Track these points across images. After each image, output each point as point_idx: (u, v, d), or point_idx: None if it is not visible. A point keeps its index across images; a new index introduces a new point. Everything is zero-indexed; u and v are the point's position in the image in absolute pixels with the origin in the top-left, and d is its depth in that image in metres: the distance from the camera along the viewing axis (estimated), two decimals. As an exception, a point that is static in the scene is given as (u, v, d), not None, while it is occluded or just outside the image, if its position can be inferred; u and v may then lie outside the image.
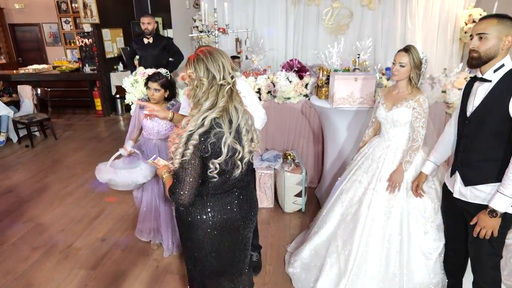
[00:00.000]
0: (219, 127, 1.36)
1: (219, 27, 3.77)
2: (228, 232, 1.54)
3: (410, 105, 2.08)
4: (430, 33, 4.68)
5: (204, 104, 1.37)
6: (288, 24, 4.90)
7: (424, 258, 2.09)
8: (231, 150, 1.39)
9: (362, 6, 4.71)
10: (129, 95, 3.37)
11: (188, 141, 1.33)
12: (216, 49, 1.45)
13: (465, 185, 1.74)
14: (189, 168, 1.35)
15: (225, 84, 1.37)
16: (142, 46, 4.33)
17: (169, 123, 2.63)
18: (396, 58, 2.08)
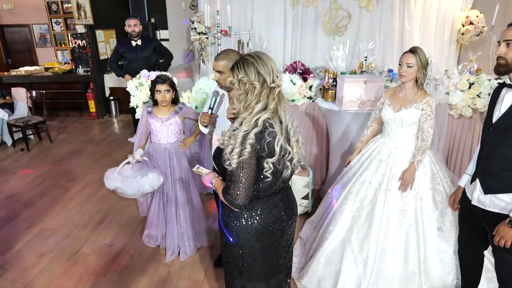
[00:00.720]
0: (272, 127, 1.39)
1: (221, 29, 3.77)
2: (276, 233, 1.56)
3: (419, 106, 2.13)
4: (428, 35, 4.76)
5: (256, 106, 1.39)
6: (287, 25, 4.91)
7: (440, 254, 2.15)
8: (283, 150, 1.41)
9: (360, 8, 4.76)
10: (134, 98, 3.34)
11: (245, 141, 1.35)
12: (262, 52, 1.47)
13: (485, 193, 1.74)
14: (246, 167, 1.36)
15: (275, 86, 1.40)
16: (130, 49, 4.29)
17: (178, 127, 2.63)
18: (402, 59, 2.13)
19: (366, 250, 2.20)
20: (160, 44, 4.46)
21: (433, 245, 2.16)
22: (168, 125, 2.58)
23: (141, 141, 2.64)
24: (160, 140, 2.62)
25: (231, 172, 1.39)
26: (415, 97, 2.17)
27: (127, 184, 2.40)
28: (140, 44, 4.26)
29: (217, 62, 2.05)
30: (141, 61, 4.23)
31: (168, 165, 2.60)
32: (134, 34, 4.24)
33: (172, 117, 2.59)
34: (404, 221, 2.16)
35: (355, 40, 4.88)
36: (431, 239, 2.15)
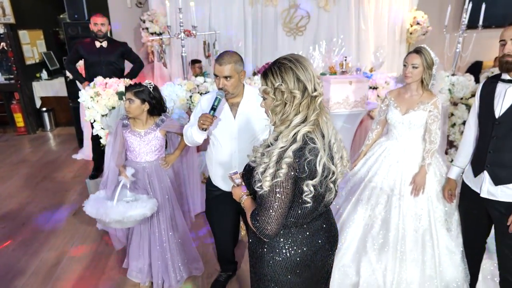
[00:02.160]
0: (313, 142, 1.17)
1: (184, 29, 3.41)
2: (318, 265, 1.35)
3: (427, 108, 2.09)
4: (381, 34, 4.95)
5: (295, 119, 1.19)
6: (246, 25, 4.72)
7: (451, 255, 2.14)
8: (326, 170, 1.20)
9: (319, 8, 4.76)
10: (90, 111, 2.83)
11: (281, 160, 1.13)
12: (300, 55, 1.24)
13: (496, 184, 1.77)
14: (280, 191, 1.15)
15: (317, 95, 1.20)
16: (93, 51, 3.67)
17: (158, 143, 2.26)
18: (407, 60, 2.07)
19: (384, 260, 2.10)
20: (130, 50, 3.87)
21: (445, 247, 2.14)
22: (147, 141, 2.19)
23: (119, 162, 2.22)
24: (137, 158, 2.22)
25: (261, 196, 1.17)
26: (421, 98, 2.12)
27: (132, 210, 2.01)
28: (105, 47, 3.67)
29: (222, 67, 1.78)
30: (104, 66, 3.65)
31: (147, 186, 2.22)
32: (100, 34, 3.62)
33: (152, 131, 2.21)
34: (420, 226, 2.11)
35: (315, 40, 4.89)
36: (442, 241, 2.13)
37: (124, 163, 2.22)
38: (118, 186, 2.07)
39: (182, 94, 3.19)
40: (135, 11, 5.18)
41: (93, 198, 2.09)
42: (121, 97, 2.83)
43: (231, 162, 1.94)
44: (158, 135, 2.23)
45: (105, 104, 2.82)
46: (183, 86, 3.23)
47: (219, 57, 1.80)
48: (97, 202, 2.03)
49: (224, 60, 1.78)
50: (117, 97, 2.83)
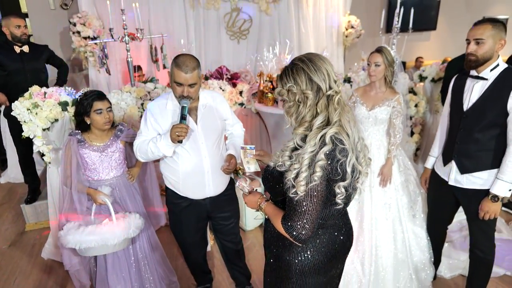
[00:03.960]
0: (342, 144, 1.15)
1: (129, 32, 3.18)
2: (339, 262, 1.35)
3: (391, 104, 2.23)
4: (320, 37, 5.19)
5: (316, 121, 1.16)
6: (189, 28, 4.58)
7: (417, 239, 2.31)
8: (355, 170, 1.19)
9: (260, 12, 4.82)
10: (28, 125, 2.45)
11: (313, 163, 1.11)
12: (315, 54, 1.22)
13: (462, 173, 1.94)
14: (315, 195, 1.12)
15: (333, 94, 1.17)
16: (13, 57, 3.14)
17: (122, 155, 2.06)
18: (370, 59, 2.19)
19: (361, 249, 2.20)
20: (53, 53, 3.43)
21: (412, 231, 2.31)
22: (110, 154, 1.97)
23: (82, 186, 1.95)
24: (101, 176, 1.98)
25: (296, 201, 1.14)
26: (385, 95, 2.25)
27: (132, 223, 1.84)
28: (27, 52, 3.17)
29: (188, 75, 1.66)
30: (29, 74, 3.16)
31: (120, 206, 1.99)
32: (24, 38, 3.12)
33: (113, 142, 2.00)
34: (390, 214, 2.24)
35: (258, 43, 4.94)
36: (409, 227, 2.30)
37: (87, 185, 1.96)
38: (109, 205, 1.83)
39: (133, 102, 2.96)
40: (60, 13, 4.67)
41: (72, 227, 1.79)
42: (65, 108, 2.52)
43: (203, 168, 1.85)
44: (120, 147, 2.03)
45: (46, 116, 2.47)
46: (132, 93, 3.00)
47: (181, 64, 1.66)
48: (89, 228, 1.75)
49: (188, 68, 1.66)
50: (60, 108, 2.51)
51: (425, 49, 6.71)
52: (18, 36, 3.10)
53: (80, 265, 1.99)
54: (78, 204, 1.86)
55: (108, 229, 1.73)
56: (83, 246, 1.68)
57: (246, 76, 3.61)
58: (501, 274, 2.43)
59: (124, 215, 1.90)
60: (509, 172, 1.78)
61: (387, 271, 2.19)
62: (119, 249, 1.80)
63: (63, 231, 1.78)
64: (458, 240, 2.68)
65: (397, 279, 2.20)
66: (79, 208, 1.86)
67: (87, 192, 1.92)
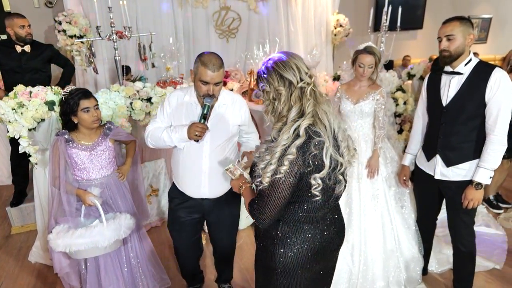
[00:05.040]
0: (318, 135, 1.17)
1: (117, 31, 3.13)
2: (327, 258, 1.37)
3: (375, 97, 2.29)
4: (309, 36, 5.21)
5: (290, 114, 1.20)
6: (177, 26, 4.54)
7: (405, 229, 2.35)
8: (333, 162, 1.21)
9: (249, 10, 4.81)
10: (13, 125, 2.38)
11: (283, 156, 1.14)
12: (284, 52, 1.27)
13: (447, 166, 1.98)
14: (281, 186, 1.17)
15: (305, 86, 1.21)
16: (13, 56, 3.08)
17: (111, 153, 2.03)
18: (362, 61, 2.21)
19: (350, 240, 2.23)
20: (57, 53, 3.34)
21: (400, 223, 2.35)
22: (99, 153, 1.94)
23: (71, 187, 1.90)
24: (90, 176, 1.94)
25: (261, 189, 1.21)
26: (369, 89, 2.31)
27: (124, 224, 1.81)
28: (28, 51, 3.08)
29: (215, 73, 1.64)
30: (28, 74, 3.07)
31: (111, 206, 1.96)
32: (29, 38, 3.07)
33: (102, 141, 1.97)
34: (378, 205, 2.28)
35: (247, 42, 4.93)
36: (398, 217, 2.34)
37: (76, 186, 1.92)
38: (98, 206, 1.79)
39: (121, 102, 2.91)
40: (44, 11, 4.58)
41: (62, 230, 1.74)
42: (52, 107, 2.47)
43: (201, 166, 1.83)
44: (109, 145, 2.00)
45: (32, 116, 2.41)
46: (120, 92, 2.96)
47: (208, 62, 1.63)
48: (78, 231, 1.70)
49: (216, 66, 1.63)
50: (46, 107, 2.45)
51: (412, 48, 6.80)
52: (23, 36, 3.06)
53: (70, 268, 1.95)
54: (67, 205, 1.82)
55: (98, 231, 1.69)
56: (73, 249, 1.65)
57: (236, 75, 3.60)
58: (490, 267, 2.47)
59: (114, 215, 1.87)
60: (490, 159, 1.84)
61: (376, 262, 2.24)
62: (110, 250, 1.77)
63: (52, 234, 1.74)
64: (446, 235, 2.71)
65: (387, 270, 2.25)
66: (68, 209, 1.82)
67: (76, 193, 1.88)
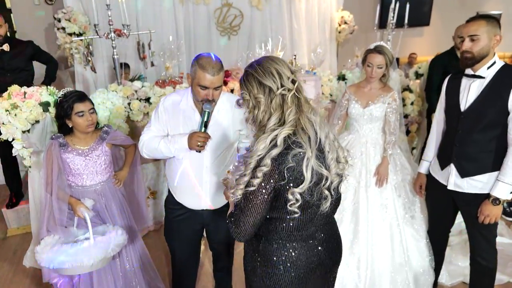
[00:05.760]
0: (299, 146, 1.09)
1: (115, 29, 3.05)
2: (316, 282, 1.27)
3: (386, 100, 2.18)
4: (313, 33, 5.09)
5: (269, 122, 1.12)
6: (178, 23, 4.45)
7: (415, 241, 2.24)
8: (316, 175, 1.11)
9: (251, 7, 4.70)
10: (6, 127, 2.32)
11: (257, 167, 1.07)
12: (266, 57, 1.18)
13: (462, 177, 1.84)
14: (254, 200, 1.10)
15: (285, 92, 1.12)
16: None
17: (108, 158, 1.95)
18: (372, 61, 2.11)
19: (356, 252, 2.14)
20: (39, 49, 3.25)
21: (410, 234, 2.24)
22: (94, 158, 1.86)
23: (64, 194, 1.83)
24: (86, 181, 1.87)
25: (236, 203, 1.15)
26: (380, 91, 2.20)
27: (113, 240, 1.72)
28: (7, 51, 3.01)
29: (215, 77, 1.55)
30: (10, 74, 3.01)
31: (104, 213, 1.89)
32: (0, 39, 2.95)
33: (98, 145, 1.89)
34: (386, 216, 2.18)
35: (249, 39, 4.83)
36: (407, 229, 2.23)
37: (70, 193, 1.84)
38: (87, 220, 1.71)
39: (119, 102, 2.84)
40: (44, 8, 4.51)
41: (50, 243, 1.67)
42: (46, 108, 2.40)
43: (202, 177, 1.73)
44: (105, 150, 1.92)
45: (26, 118, 2.34)
46: (118, 92, 2.88)
47: (207, 65, 1.53)
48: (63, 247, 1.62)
49: (215, 69, 1.54)
50: (41, 108, 2.38)
51: (418, 45, 6.66)
52: None
53: (62, 277, 1.88)
54: (59, 213, 1.75)
55: (83, 249, 1.61)
56: (56, 266, 1.57)
57: (238, 74, 3.50)
58: (505, 281, 2.34)
59: (105, 229, 1.79)
60: (510, 173, 1.70)
61: (384, 275, 2.13)
62: (97, 268, 1.67)
63: (40, 246, 1.67)
64: (458, 244, 2.59)
65: (395, 284, 2.14)
66: (59, 217, 1.75)
67: (68, 202, 1.80)
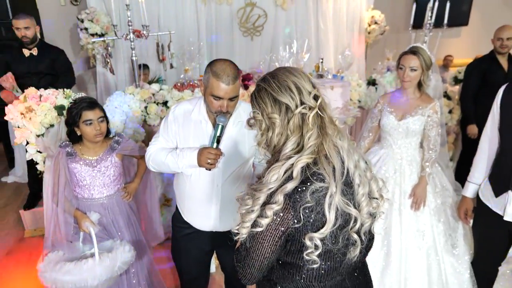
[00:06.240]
0: (320, 179, 0.89)
1: (134, 29, 2.97)
2: None
3: (425, 112, 1.95)
4: (340, 34, 4.86)
5: (285, 147, 0.93)
6: (200, 24, 4.35)
7: (457, 275, 1.99)
8: (342, 216, 0.91)
9: (276, 6, 4.54)
10: (20, 131, 2.28)
11: (267, 204, 0.88)
12: (282, 68, 1.00)
13: None
14: (261, 242, 0.92)
15: (306, 111, 0.93)
16: (21, 59, 2.99)
17: (117, 170, 1.84)
18: (404, 62, 1.90)
19: (388, 283, 1.92)
20: (62, 59, 3.13)
21: (450, 265, 1.99)
22: (103, 170, 1.76)
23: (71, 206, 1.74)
24: (92, 194, 1.77)
25: (240, 241, 0.98)
26: (418, 102, 1.97)
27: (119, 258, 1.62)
28: (35, 55, 3.00)
29: (230, 86, 1.37)
30: (35, 78, 2.98)
31: (111, 228, 1.79)
32: (26, 40, 2.93)
33: (108, 156, 1.79)
34: (423, 244, 1.94)
35: (273, 40, 4.67)
36: (448, 259, 1.99)
37: (76, 205, 1.75)
38: (93, 236, 1.61)
39: (136, 105, 2.76)
40: (70, 9, 4.53)
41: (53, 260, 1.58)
42: (61, 112, 2.34)
43: (211, 197, 1.57)
44: (115, 161, 1.81)
45: (40, 121, 2.29)
46: (135, 95, 2.80)
47: (221, 73, 1.35)
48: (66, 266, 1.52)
49: (230, 77, 1.36)
50: (55, 112, 2.33)
51: (455, 47, 6.22)
52: (20, 38, 2.95)
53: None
54: (64, 226, 1.67)
55: (88, 268, 1.50)
56: (59, 286, 1.47)
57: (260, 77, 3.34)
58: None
59: (112, 244, 1.68)
60: None
61: None
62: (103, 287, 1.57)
63: (43, 264, 1.58)
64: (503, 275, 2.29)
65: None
66: (64, 230, 1.66)
67: (73, 215, 1.71)
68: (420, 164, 1.99)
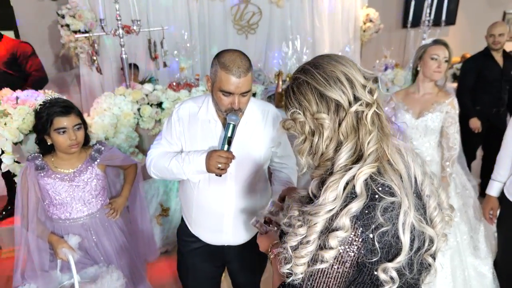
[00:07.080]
0: (389, 193, 0.70)
1: (124, 25, 2.71)
2: None
3: (443, 108, 1.82)
4: (335, 32, 4.74)
5: (339, 156, 0.74)
6: (192, 21, 4.12)
7: (481, 278, 1.89)
8: (418, 237, 0.71)
9: (271, 4, 4.36)
10: (-4, 137, 1.99)
11: (329, 232, 0.68)
12: (325, 56, 0.80)
13: None
14: (327, 281, 0.70)
15: (363, 109, 0.74)
16: None
17: (100, 183, 1.57)
18: (438, 52, 1.77)
19: None
20: (28, 54, 2.81)
21: (473, 268, 1.89)
22: (82, 184, 1.49)
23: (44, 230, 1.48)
24: (70, 214, 1.50)
25: (291, 285, 0.74)
26: (436, 97, 1.85)
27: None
28: None
29: (242, 79, 1.19)
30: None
31: (94, 250, 1.52)
32: None
33: (88, 167, 1.52)
34: (447, 248, 1.81)
35: (268, 38, 4.49)
36: (471, 263, 1.89)
37: (51, 228, 1.48)
38: (72, 264, 1.35)
39: (127, 107, 2.50)
40: (48, 4, 4.19)
41: None
42: (43, 116, 2.05)
43: (223, 208, 1.37)
44: (97, 173, 1.54)
45: (18, 127, 2.01)
46: (127, 96, 2.54)
47: (231, 64, 1.18)
48: None
49: (242, 69, 1.18)
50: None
51: (445, 45, 6.24)
52: None
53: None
54: (38, 254, 1.40)
55: None
56: None
57: (259, 76, 3.16)
58: None
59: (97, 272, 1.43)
60: None
61: None
62: None
63: None
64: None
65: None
66: (38, 260, 1.39)
67: (48, 240, 1.44)
68: (440, 164, 1.86)
